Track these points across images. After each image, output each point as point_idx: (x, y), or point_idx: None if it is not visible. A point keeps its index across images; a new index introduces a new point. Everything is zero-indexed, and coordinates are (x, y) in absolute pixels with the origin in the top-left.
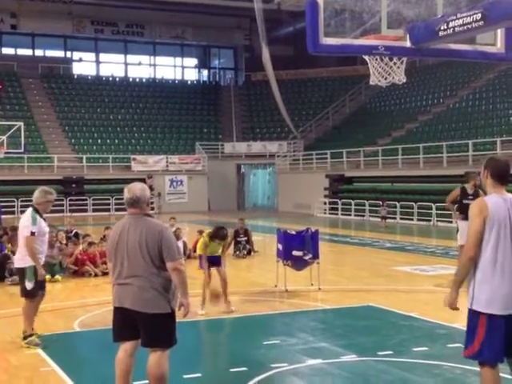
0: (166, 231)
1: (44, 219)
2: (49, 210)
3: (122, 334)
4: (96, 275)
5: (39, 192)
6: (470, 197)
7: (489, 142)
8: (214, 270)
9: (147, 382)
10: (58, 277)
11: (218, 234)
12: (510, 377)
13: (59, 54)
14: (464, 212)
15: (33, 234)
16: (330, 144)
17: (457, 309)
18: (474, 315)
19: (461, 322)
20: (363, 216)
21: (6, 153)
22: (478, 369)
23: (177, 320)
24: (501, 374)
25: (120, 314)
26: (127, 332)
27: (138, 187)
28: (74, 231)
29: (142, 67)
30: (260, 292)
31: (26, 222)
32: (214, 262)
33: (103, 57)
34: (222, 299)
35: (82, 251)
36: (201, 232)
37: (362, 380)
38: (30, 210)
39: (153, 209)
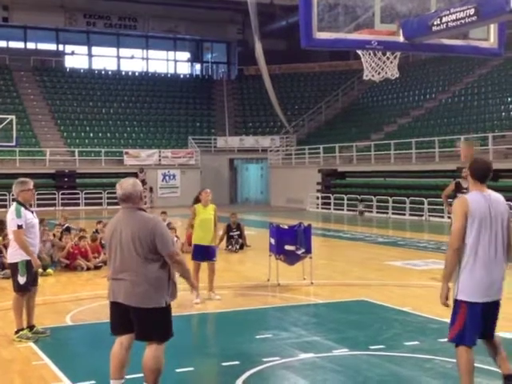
0: (159, 224)
1: (31, 211)
2: (32, 199)
3: (117, 328)
4: (89, 269)
5: (16, 184)
6: (465, 190)
7: (481, 138)
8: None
9: (142, 375)
10: (49, 270)
11: (199, 194)
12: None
13: (51, 47)
14: None
15: (20, 227)
16: (322, 139)
17: (447, 305)
18: (458, 303)
19: None
20: (355, 211)
21: None
22: None
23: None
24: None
25: (115, 308)
26: (123, 326)
27: (129, 183)
28: (66, 225)
29: (134, 61)
30: (252, 286)
31: (11, 216)
32: (207, 253)
33: (95, 50)
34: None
35: (73, 245)
36: (193, 226)
37: (353, 374)
38: (13, 204)
39: (145, 203)
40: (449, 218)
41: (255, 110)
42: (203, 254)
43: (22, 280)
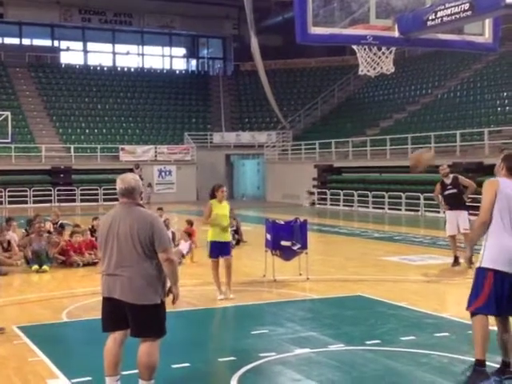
0: (157, 221)
1: None
2: None
3: (111, 324)
4: (85, 264)
5: None
6: (449, 186)
7: (476, 133)
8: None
9: (137, 371)
10: (45, 267)
11: (214, 186)
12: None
13: (46, 42)
14: (449, 202)
15: None
16: (318, 134)
17: (472, 263)
18: (482, 272)
19: (448, 312)
20: (352, 206)
21: None
22: (464, 357)
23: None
24: None
25: (109, 303)
26: (116, 322)
27: (131, 177)
28: (60, 222)
29: (130, 57)
30: (248, 282)
31: None
32: (223, 249)
33: (91, 46)
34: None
35: (67, 241)
36: (189, 222)
37: (349, 369)
38: None
39: (141, 199)
40: (444, 213)
41: (251, 106)
42: (219, 250)
43: None
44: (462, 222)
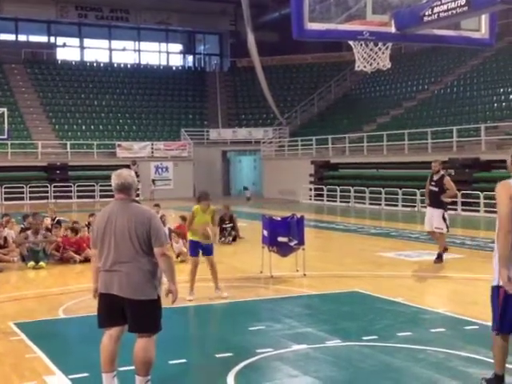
0: (154, 217)
1: None
2: None
3: (107, 320)
4: (81, 261)
5: None
6: (433, 183)
7: (473, 129)
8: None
9: (133, 367)
10: (42, 263)
11: (201, 195)
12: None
13: (43, 39)
14: (429, 199)
15: None
16: (315, 130)
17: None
18: (496, 290)
19: (444, 308)
20: (348, 202)
21: None
22: (460, 353)
23: (163, 306)
24: None
25: (106, 299)
26: (113, 318)
27: (127, 173)
28: (57, 219)
29: (126, 53)
30: (245, 278)
31: None
32: (204, 249)
33: (87, 42)
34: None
35: (63, 237)
36: (183, 217)
37: (346, 364)
38: None
39: (138, 195)
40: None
41: (248, 102)
42: (199, 248)
43: None
44: (436, 221)
